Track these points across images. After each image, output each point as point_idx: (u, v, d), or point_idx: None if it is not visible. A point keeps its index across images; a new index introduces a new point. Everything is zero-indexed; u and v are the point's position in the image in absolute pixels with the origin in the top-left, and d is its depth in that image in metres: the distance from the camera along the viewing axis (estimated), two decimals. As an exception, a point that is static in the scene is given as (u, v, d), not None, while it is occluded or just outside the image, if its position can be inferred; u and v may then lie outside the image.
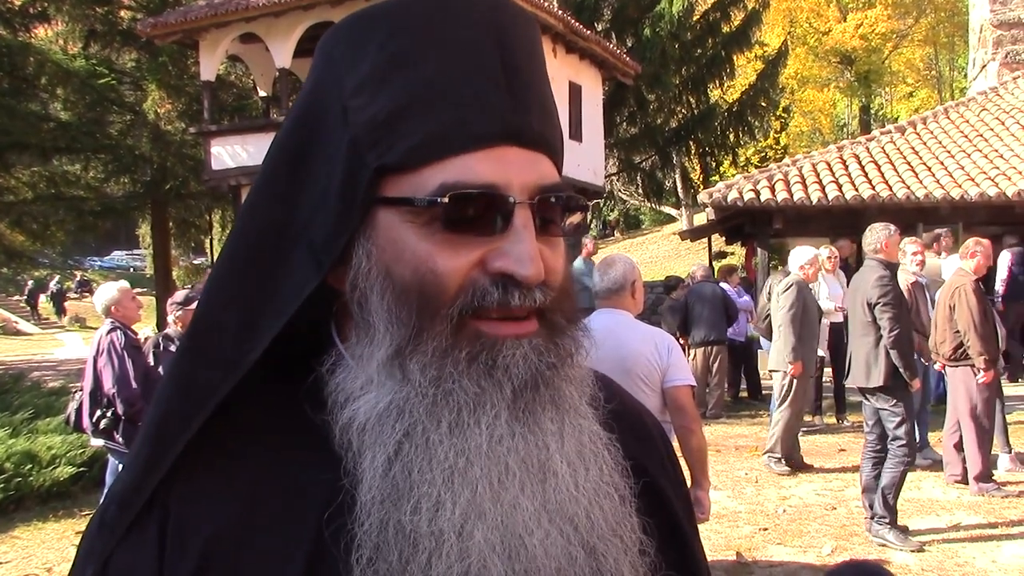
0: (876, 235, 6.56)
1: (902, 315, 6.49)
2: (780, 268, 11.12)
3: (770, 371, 9.12)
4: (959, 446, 7.67)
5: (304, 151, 0.89)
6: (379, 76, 0.85)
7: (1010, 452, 8.27)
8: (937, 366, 8.16)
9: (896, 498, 6.34)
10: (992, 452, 8.41)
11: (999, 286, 13.11)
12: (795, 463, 8.68)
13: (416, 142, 0.82)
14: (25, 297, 40.12)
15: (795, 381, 8.61)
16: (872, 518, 6.39)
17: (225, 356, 0.87)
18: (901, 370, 6.32)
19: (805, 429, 10.46)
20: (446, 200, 0.81)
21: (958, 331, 7.39)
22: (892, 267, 6.65)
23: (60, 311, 39.69)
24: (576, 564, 0.84)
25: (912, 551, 6.10)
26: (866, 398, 6.62)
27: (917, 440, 7.65)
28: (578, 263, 12.51)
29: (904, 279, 7.53)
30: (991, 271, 11.60)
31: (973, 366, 7.37)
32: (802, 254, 8.93)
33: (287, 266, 0.87)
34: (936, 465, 8.27)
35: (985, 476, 7.51)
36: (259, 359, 0.87)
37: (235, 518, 0.84)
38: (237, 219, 0.93)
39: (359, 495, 0.82)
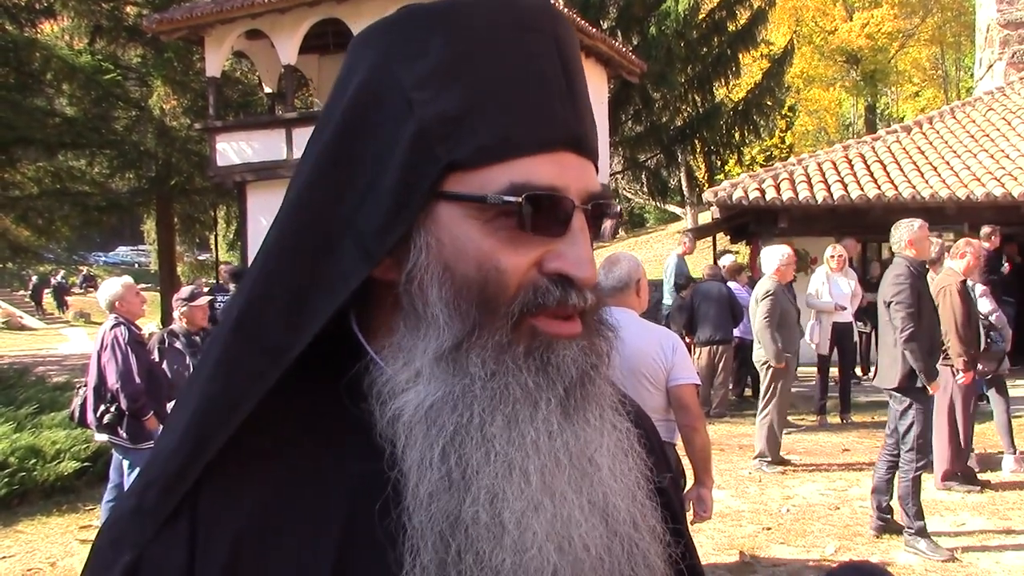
0: (900, 232, 6.43)
1: (921, 315, 6.29)
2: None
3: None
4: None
5: (355, 142, 0.88)
6: (447, 72, 0.85)
7: (1015, 453, 8.26)
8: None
9: (915, 505, 6.18)
10: (996, 453, 8.41)
11: None
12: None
13: (487, 141, 0.84)
14: (29, 292, 40.20)
15: (778, 383, 8.64)
16: (879, 518, 6.44)
17: (273, 344, 0.87)
18: (917, 372, 6.16)
19: (806, 427, 10.47)
20: (522, 200, 0.83)
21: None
22: (917, 264, 6.44)
23: (62, 305, 39.81)
24: (613, 555, 0.86)
25: (944, 560, 5.95)
26: (889, 398, 6.54)
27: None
28: (673, 260, 12.44)
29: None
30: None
31: (953, 366, 7.38)
32: (775, 254, 8.95)
33: (334, 256, 0.87)
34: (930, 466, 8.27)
35: (951, 474, 7.53)
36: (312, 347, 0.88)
37: (268, 511, 0.85)
38: (280, 210, 0.92)
39: (408, 486, 0.83)
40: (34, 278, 38.70)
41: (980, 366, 7.90)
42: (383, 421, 0.85)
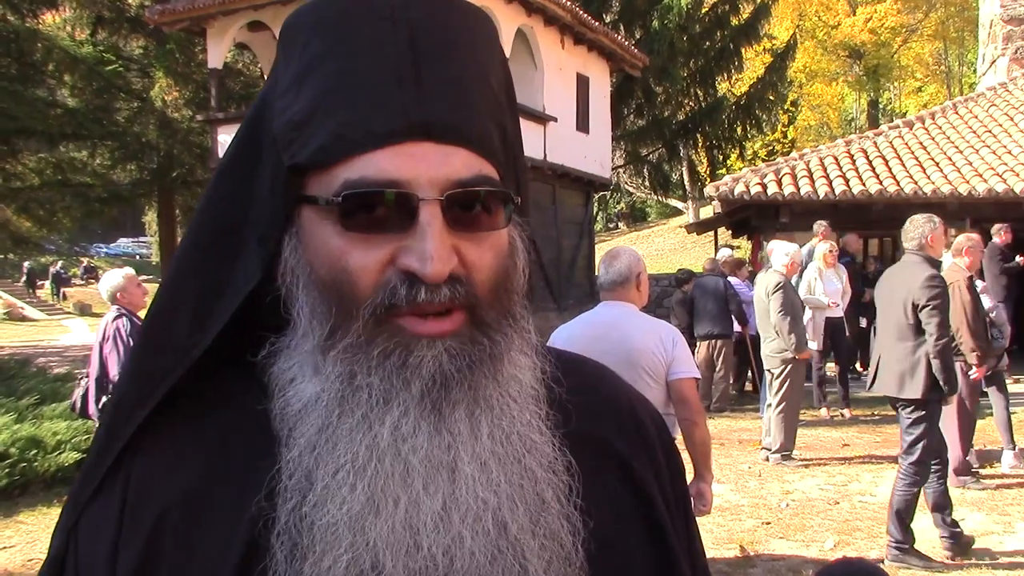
0: (920, 228, 5.88)
1: (947, 321, 5.89)
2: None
3: (767, 370, 9.11)
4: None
5: (252, 148, 0.92)
6: (300, 77, 0.86)
7: (1014, 448, 8.27)
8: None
9: (911, 519, 5.84)
10: (996, 448, 8.42)
11: None
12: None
13: (324, 142, 0.83)
14: (24, 278, 40.47)
15: (790, 378, 8.66)
16: (951, 538, 5.93)
17: (177, 344, 0.91)
18: (941, 383, 5.69)
19: (807, 422, 10.47)
20: (339, 199, 0.81)
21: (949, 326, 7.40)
22: (937, 265, 6.07)
23: (58, 293, 39.94)
24: (477, 563, 0.82)
25: (938, 572, 5.73)
26: (895, 408, 6.09)
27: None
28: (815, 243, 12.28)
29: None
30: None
31: (965, 361, 7.37)
32: (784, 249, 8.97)
33: (237, 259, 0.90)
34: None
35: (964, 469, 7.54)
36: (224, 343, 0.91)
37: (187, 495, 0.87)
38: (194, 215, 0.96)
39: (282, 480, 0.84)
40: (26, 264, 38.85)
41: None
42: (274, 417, 0.88)
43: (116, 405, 0.94)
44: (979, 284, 8.36)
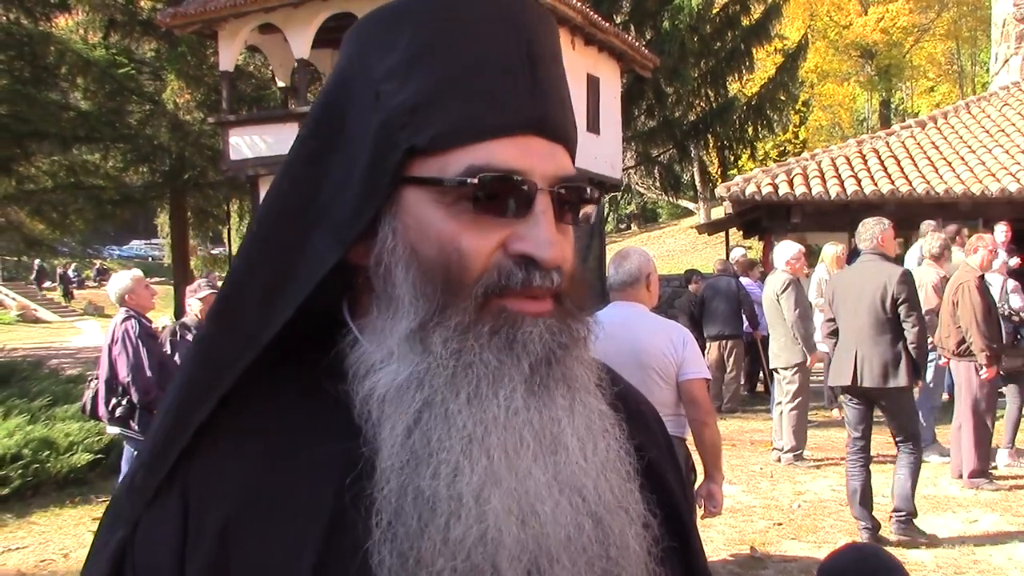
0: (871, 230, 6.34)
1: (922, 312, 6.33)
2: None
3: (773, 369, 9.08)
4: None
5: (331, 134, 0.93)
6: (411, 64, 0.89)
7: (1011, 448, 8.25)
8: (942, 361, 8.15)
9: (913, 494, 6.29)
10: (993, 444, 8.37)
11: None
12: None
13: (446, 127, 0.86)
14: (33, 276, 40.83)
15: (802, 376, 8.64)
16: (870, 531, 6.26)
17: (247, 330, 0.91)
18: (920, 369, 6.21)
19: (818, 423, 10.45)
20: (475, 181, 0.85)
21: (959, 326, 7.40)
22: (892, 260, 6.43)
23: (68, 295, 40.21)
24: (584, 532, 0.87)
25: (931, 548, 6.07)
26: (858, 402, 6.36)
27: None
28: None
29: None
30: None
31: (975, 361, 7.37)
32: (788, 249, 8.95)
33: (308, 244, 0.91)
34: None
35: (981, 472, 7.50)
36: (277, 335, 0.91)
37: (255, 489, 0.87)
38: (263, 201, 0.97)
39: (379, 462, 0.85)
40: (37, 262, 39.18)
41: (1010, 362, 7.92)
42: (359, 400, 0.88)
43: (181, 395, 0.93)
44: (1012, 283, 8.34)
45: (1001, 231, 11.84)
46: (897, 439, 6.32)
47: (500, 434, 0.85)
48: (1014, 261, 10.75)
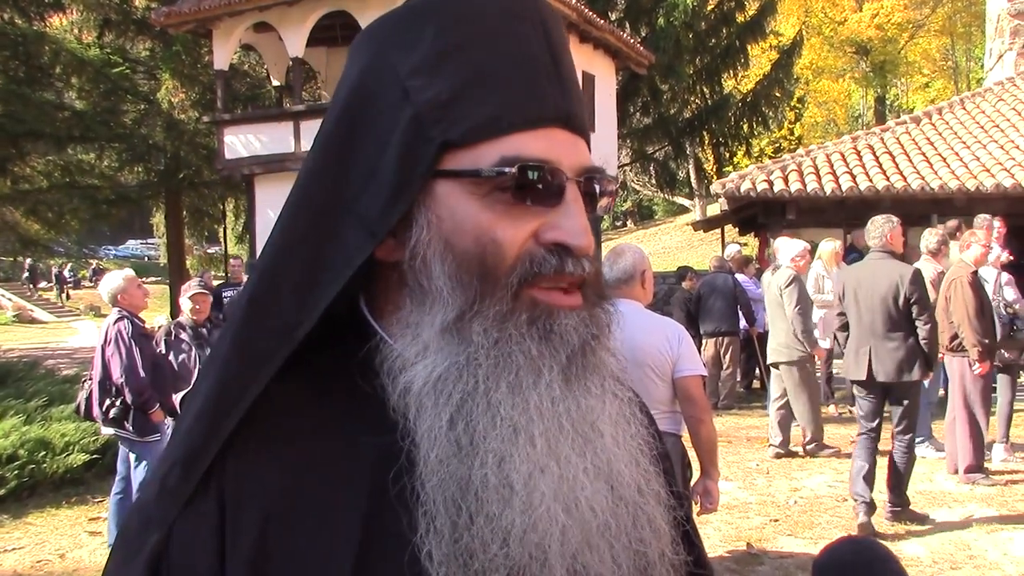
0: (880, 228, 6.55)
1: (933, 310, 6.59)
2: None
3: (772, 365, 9.08)
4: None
5: (355, 131, 0.94)
6: (439, 60, 0.90)
7: (1006, 442, 8.26)
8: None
9: (906, 487, 6.59)
10: (988, 439, 8.39)
11: None
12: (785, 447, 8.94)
13: (478, 120, 0.88)
14: (25, 275, 40.83)
15: (805, 370, 8.66)
16: (866, 506, 6.46)
17: (284, 324, 0.91)
18: (931, 362, 6.47)
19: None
20: (514, 170, 0.87)
21: (952, 322, 7.43)
22: (899, 257, 6.68)
23: (62, 293, 40.23)
24: (619, 517, 0.89)
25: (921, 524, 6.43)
26: (871, 395, 6.58)
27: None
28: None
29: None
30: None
31: (968, 356, 7.40)
32: (792, 246, 8.97)
33: (338, 238, 0.91)
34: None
35: (976, 467, 7.52)
36: (324, 323, 0.92)
37: (291, 489, 0.88)
38: (288, 197, 0.97)
39: (420, 455, 0.85)
40: (28, 261, 39.18)
41: (1007, 354, 7.95)
42: (395, 394, 0.89)
43: (218, 391, 0.92)
44: (1005, 276, 8.35)
45: (995, 226, 11.84)
46: (896, 430, 6.51)
47: (542, 422, 0.86)
48: (1003, 255, 10.77)
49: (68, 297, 40.11)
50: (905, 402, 6.48)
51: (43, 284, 42.00)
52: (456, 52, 0.90)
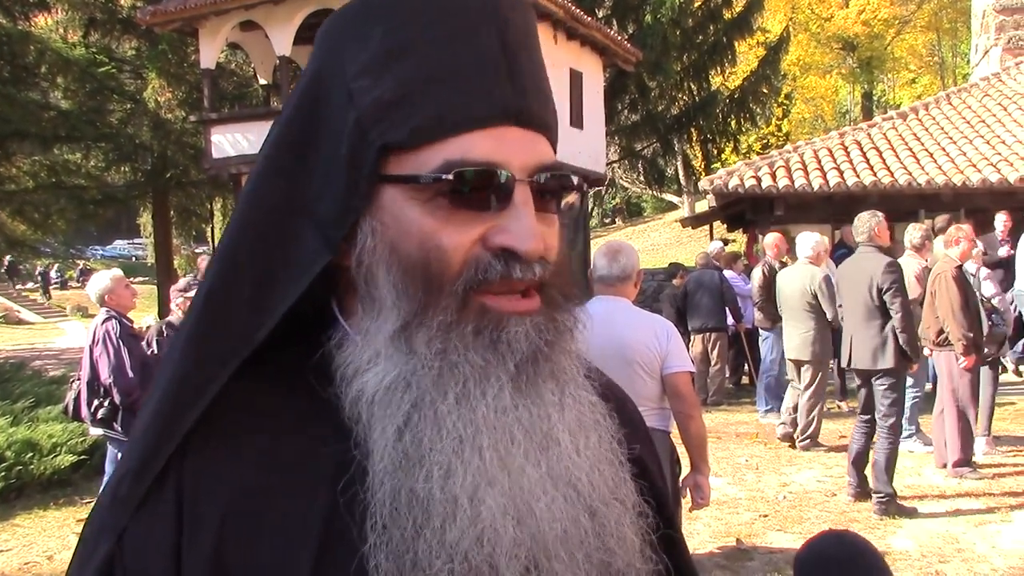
0: (867, 223, 6.80)
1: (908, 300, 6.73)
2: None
3: (794, 360, 9.08)
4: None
5: (308, 132, 0.92)
6: (384, 60, 0.88)
7: (988, 435, 8.31)
8: (926, 351, 8.20)
9: (892, 475, 6.70)
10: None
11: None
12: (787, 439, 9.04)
13: (419, 122, 0.85)
14: (4, 269, 40.64)
15: (818, 369, 8.80)
16: (856, 487, 6.95)
17: (238, 329, 0.89)
18: (909, 352, 6.58)
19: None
20: (450, 176, 0.84)
21: (938, 316, 7.47)
22: (886, 252, 6.88)
23: (46, 292, 40.09)
24: (580, 526, 0.87)
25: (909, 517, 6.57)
26: (865, 383, 6.85)
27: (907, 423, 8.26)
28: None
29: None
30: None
31: (955, 351, 7.44)
32: (810, 240, 9.01)
33: (296, 242, 0.90)
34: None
35: (964, 461, 7.56)
36: (278, 326, 0.90)
37: (250, 490, 0.86)
38: (241, 199, 0.95)
39: (370, 465, 0.84)
40: (8, 258, 39.00)
41: (987, 349, 7.98)
42: (347, 401, 0.87)
43: (171, 395, 0.90)
44: (984, 271, 8.38)
45: (1000, 220, 11.91)
46: (878, 417, 6.74)
47: (491, 433, 0.84)
48: (986, 253, 10.85)
49: (50, 296, 39.94)
50: (884, 389, 6.67)
51: (30, 284, 41.83)
52: (403, 51, 0.87)
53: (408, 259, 0.86)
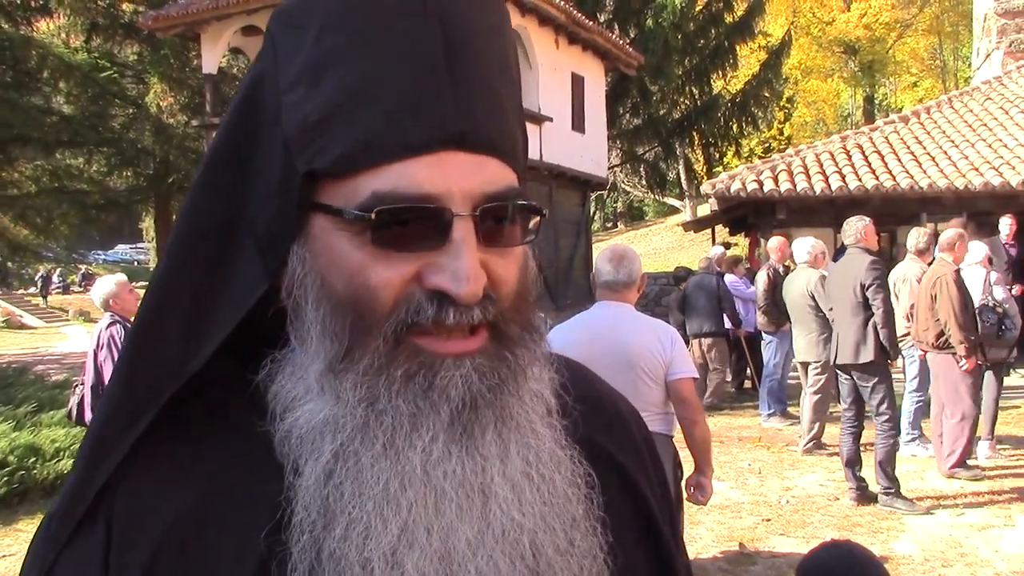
0: (854, 226, 7.03)
1: (889, 297, 6.98)
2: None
3: (802, 362, 9.09)
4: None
5: (244, 146, 0.84)
6: (313, 72, 0.78)
7: (991, 439, 8.29)
8: (919, 353, 8.19)
9: (893, 468, 6.90)
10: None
11: None
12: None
13: (347, 149, 0.76)
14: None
15: (823, 373, 8.81)
16: (857, 490, 7.04)
17: (170, 359, 0.83)
18: (888, 347, 6.77)
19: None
20: (372, 216, 0.75)
21: (938, 319, 7.47)
22: (874, 253, 7.09)
23: (46, 297, 40.09)
24: None
25: (921, 514, 6.69)
26: (847, 376, 7.09)
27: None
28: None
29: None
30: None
31: (955, 353, 7.44)
32: (806, 244, 9.10)
33: (235, 265, 0.83)
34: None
35: (962, 463, 7.57)
36: (216, 352, 0.83)
37: (180, 531, 0.80)
38: (180, 215, 0.87)
39: (295, 513, 0.77)
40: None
41: (995, 353, 7.98)
42: (277, 440, 0.81)
43: (100, 429, 0.85)
44: (994, 275, 8.38)
45: (1006, 224, 11.89)
46: (873, 413, 6.93)
47: (419, 488, 0.77)
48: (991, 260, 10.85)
49: (47, 299, 39.93)
50: (871, 389, 6.89)
51: (32, 289, 41.84)
52: (331, 61, 0.78)
53: (336, 295, 0.78)
